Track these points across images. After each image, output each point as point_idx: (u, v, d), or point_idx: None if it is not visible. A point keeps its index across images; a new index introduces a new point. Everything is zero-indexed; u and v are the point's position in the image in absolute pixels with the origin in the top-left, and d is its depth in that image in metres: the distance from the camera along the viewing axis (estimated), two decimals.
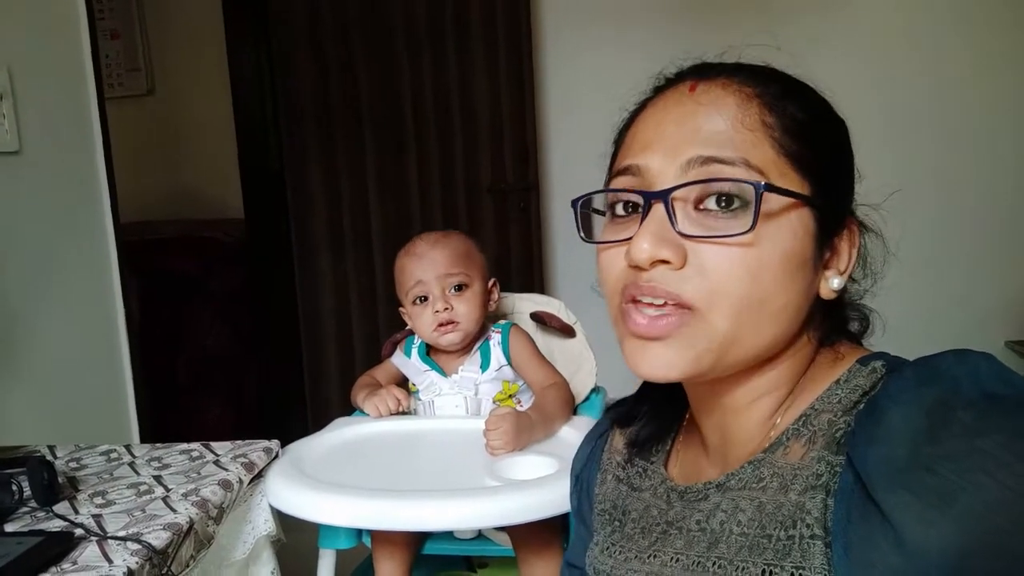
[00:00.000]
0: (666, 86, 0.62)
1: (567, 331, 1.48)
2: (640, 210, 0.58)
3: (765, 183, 0.54)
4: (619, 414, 0.76)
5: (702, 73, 0.60)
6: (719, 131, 0.56)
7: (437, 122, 2.68)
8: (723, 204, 0.55)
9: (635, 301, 0.57)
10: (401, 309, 1.40)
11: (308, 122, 2.72)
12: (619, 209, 0.61)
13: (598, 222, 0.65)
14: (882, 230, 0.63)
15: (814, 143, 0.58)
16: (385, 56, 2.65)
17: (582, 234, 0.64)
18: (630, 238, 0.57)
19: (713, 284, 0.55)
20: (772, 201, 0.55)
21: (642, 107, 0.63)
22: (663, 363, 0.57)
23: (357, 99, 2.68)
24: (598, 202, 0.65)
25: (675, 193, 0.56)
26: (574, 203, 0.64)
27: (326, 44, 2.66)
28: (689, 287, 0.55)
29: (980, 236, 2.81)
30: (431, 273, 1.32)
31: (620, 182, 0.60)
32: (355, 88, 2.68)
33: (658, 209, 0.56)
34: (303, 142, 2.74)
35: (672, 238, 0.55)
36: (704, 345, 0.56)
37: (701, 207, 0.56)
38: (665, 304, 0.56)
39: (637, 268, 0.56)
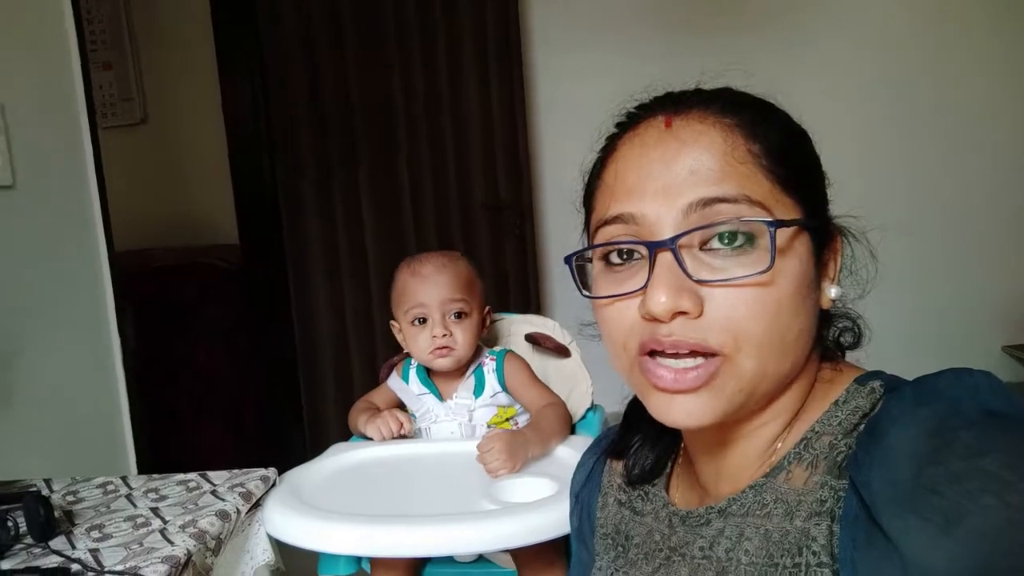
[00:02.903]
0: (637, 119, 0.60)
1: (562, 351, 1.48)
2: (637, 257, 0.57)
3: (775, 220, 0.54)
4: (611, 447, 0.75)
5: (674, 106, 0.59)
6: (712, 169, 0.55)
7: (431, 142, 2.69)
8: (727, 241, 0.54)
9: (652, 353, 0.56)
10: (393, 324, 1.40)
11: (301, 147, 2.73)
12: (614, 258, 0.59)
13: (588, 268, 0.63)
14: (867, 241, 0.62)
15: (796, 163, 0.58)
16: (377, 79, 2.66)
17: (583, 290, 0.62)
18: (638, 290, 0.56)
19: (736, 327, 0.54)
20: (781, 236, 0.54)
21: (613, 146, 0.61)
22: (695, 413, 0.55)
23: (350, 122, 2.69)
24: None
25: (680, 240, 0.54)
26: (567, 260, 0.62)
27: (318, 66, 2.68)
28: (713, 335, 0.54)
29: (978, 242, 2.83)
30: (434, 298, 1.31)
31: (613, 231, 0.58)
32: (348, 111, 2.69)
33: (665, 258, 0.54)
34: (297, 167, 2.74)
35: (688, 286, 0.54)
36: (734, 387, 0.55)
37: (706, 247, 0.55)
38: (690, 354, 0.54)
39: (653, 320, 0.55)
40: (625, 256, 0.58)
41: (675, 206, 0.55)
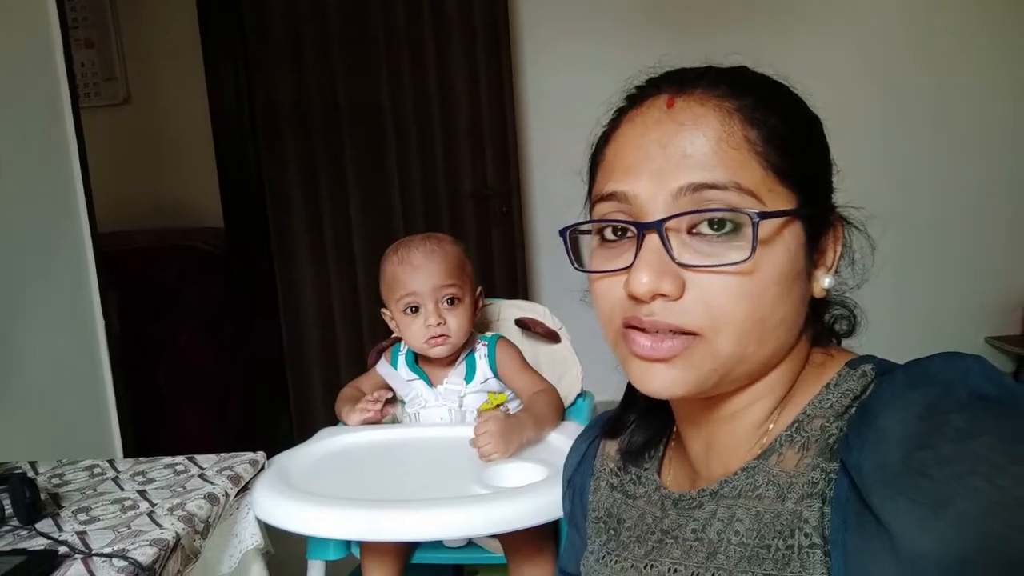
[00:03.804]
0: (641, 97, 0.61)
1: (552, 337, 1.48)
2: (630, 234, 0.58)
3: (759, 212, 0.54)
4: (608, 424, 0.76)
5: (679, 85, 0.59)
6: (705, 153, 0.55)
7: (418, 129, 2.67)
8: (716, 227, 0.55)
9: (636, 327, 0.57)
10: (384, 311, 1.39)
11: (287, 129, 2.70)
12: (608, 233, 0.60)
13: (584, 241, 0.64)
14: (867, 234, 0.63)
15: (796, 151, 0.58)
16: (364, 63, 2.64)
17: (574, 263, 0.63)
18: (626, 267, 0.57)
19: (715, 311, 0.55)
20: (766, 226, 0.55)
21: (618, 122, 0.62)
22: (669, 382, 0.57)
23: (336, 106, 2.67)
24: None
25: (667, 223, 0.55)
26: (562, 232, 0.63)
27: (304, 51, 2.65)
28: (691, 316, 0.55)
29: (963, 235, 2.86)
30: (426, 285, 1.30)
31: (607, 208, 0.59)
32: (334, 95, 2.67)
33: (652, 239, 0.56)
34: (282, 149, 2.72)
35: (670, 268, 0.55)
36: (709, 366, 0.56)
37: (694, 231, 0.56)
38: (669, 332, 0.56)
39: (636, 299, 0.56)
40: (619, 232, 0.59)
41: (666, 189, 0.56)
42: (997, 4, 2.74)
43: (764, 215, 0.54)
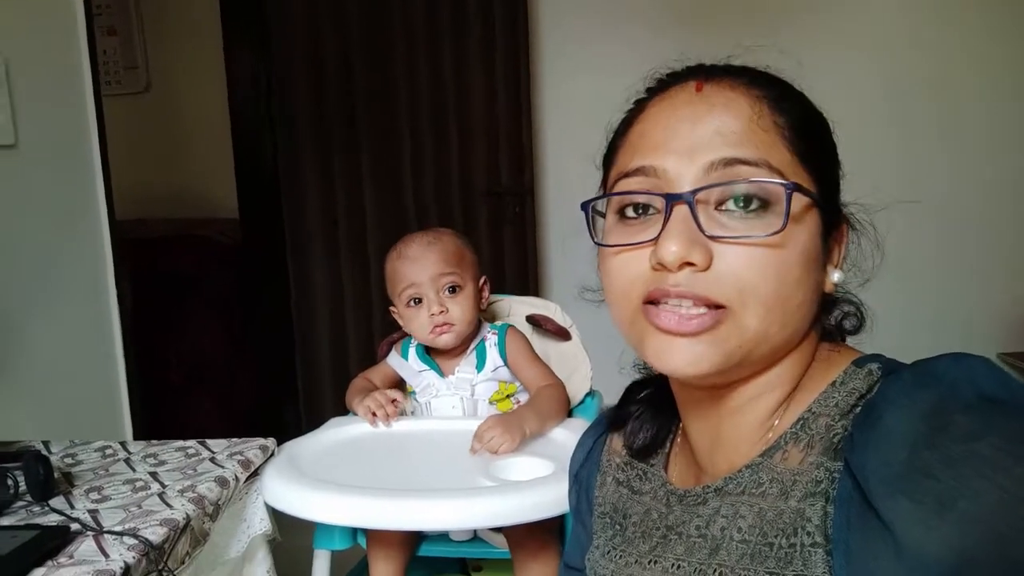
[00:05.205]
0: (667, 85, 0.62)
1: (562, 334, 1.48)
2: (652, 212, 0.58)
3: (794, 183, 0.55)
4: (612, 419, 0.76)
5: (706, 73, 0.60)
6: (737, 131, 0.56)
7: (433, 125, 2.68)
8: (743, 205, 0.55)
9: (656, 302, 0.57)
10: (392, 309, 1.40)
11: (304, 122, 2.72)
12: (629, 211, 0.60)
13: (598, 224, 0.64)
14: (874, 230, 0.64)
15: (816, 143, 0.59)
16: (382, 59, 2.65)
17: (595, 237, 0.63)
18: (649, 240, 0.57)
19: (744, 284, 0.55)
20: (796, 201, 0.55)
21: (642, 107, 0.62)
22: (693, 358, 0.56)
23: (353, 100, 2.68)
24: (599, 203, 0.64)
25: (697, 195, 0.55)
26: (584, 206, 0.63)
27: (323, 45, 2.66)
28: (719, 288, 0.55)
29: (973, 248, 2.82)
30: (425, 275, 1.31)
31: (632, 183, 0.59)
32: (351, 89, 2.68)
33: (680, 211, 0.56)
34: (298, 142, 2.74)
35: (699, 240, 0.55)
36: (735, 342, 0.56)
37: (721, 208, 0.56)
38: (695, 305, 0.55)
39: (663, 270, 0.56)
40: (640, 211, 0.59)
41: (696, 164, 0.56)
42: (1005, 8, 2.71)
43: (798, 188, 0.55)
